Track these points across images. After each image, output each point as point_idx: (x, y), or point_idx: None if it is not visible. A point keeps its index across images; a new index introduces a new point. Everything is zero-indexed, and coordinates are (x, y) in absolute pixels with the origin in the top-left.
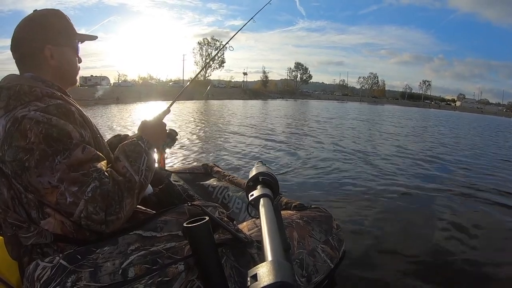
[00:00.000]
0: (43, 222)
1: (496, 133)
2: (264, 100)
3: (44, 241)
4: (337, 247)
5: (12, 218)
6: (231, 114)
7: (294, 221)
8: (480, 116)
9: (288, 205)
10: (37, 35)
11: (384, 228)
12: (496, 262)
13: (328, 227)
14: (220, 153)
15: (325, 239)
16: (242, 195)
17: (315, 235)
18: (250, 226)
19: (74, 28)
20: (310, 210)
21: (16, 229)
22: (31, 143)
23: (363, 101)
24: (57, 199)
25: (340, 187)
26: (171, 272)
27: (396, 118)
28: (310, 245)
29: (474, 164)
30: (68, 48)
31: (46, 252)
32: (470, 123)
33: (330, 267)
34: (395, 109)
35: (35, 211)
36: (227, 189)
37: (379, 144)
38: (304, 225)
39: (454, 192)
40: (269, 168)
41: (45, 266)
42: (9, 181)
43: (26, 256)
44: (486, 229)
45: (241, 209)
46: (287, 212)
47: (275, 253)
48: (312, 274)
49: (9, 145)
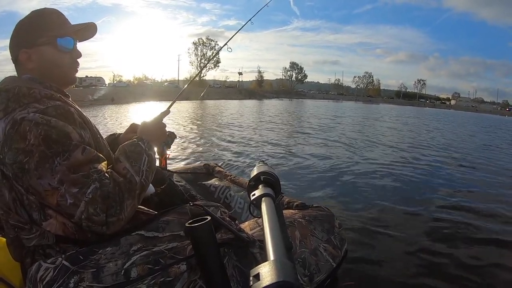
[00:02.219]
0: (45, 223)
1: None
2: (260, 100)
3: (46, 242)
4: (339, 246)
5: (14, 219)
6: (229, 114)
7: (296, 220)
8: (475, 114)
9: (290, 204)
10: (13, 41)
11: (386, 226)
12: (499, 265)
13: (330, 226)
14: (220, 152)
15: (327, 238)
16: (244, 194)
17: (317, 234)
18: (252, 226)
19: (58, 25)
20: (312, 209)
21: (18, 231)
22: (31, 145)
23: (358, 100)
24: (57, 201)
25: (342, 186)
26: (174, 272)
27: (394, 117)
28: (312, 244)
29: (477, 162)
30: (47, 47)
31: (48, 253)
32: (466, 121)
33: (332, 266)
34: (391, 108)
35: (36, 212)
36: (229, 189)
37: (379, 143)
38: (306, 224)
39: (457, 190)
40: (271, 167)
41: (48, 267)
42: (10, 183)
43: (29, 257)
44: (490, 229)
45: (243, 209)
46: (288, 212)
47: (277, 252)
48: (314, 274)
49: (9, 148)
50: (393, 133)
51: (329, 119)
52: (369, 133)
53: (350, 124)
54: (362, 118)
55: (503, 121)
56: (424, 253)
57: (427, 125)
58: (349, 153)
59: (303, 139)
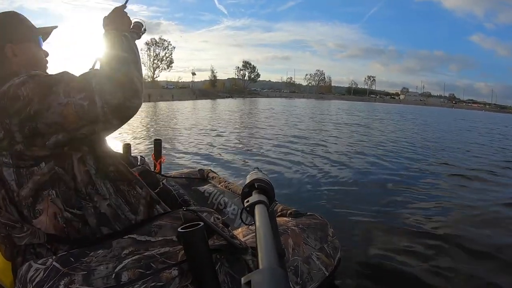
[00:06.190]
0: (35, 221)
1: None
2: (213, 100)
3: (37, 241)
4: (332, 255)
5: (4, 218)
6: (185, 115)
7: (290, 228)
8: (424, 107)
9: (284, 212)
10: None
11: (380, 235)
12: (499, 267)
13: (323, 235)
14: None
15: (320, 247)
16: (238, 201)
17: (310, 243)
18: (245, 233)
19: (33, 24)
20: (305, 217)
21: (10, 229)
22: (26, 96)
23: (310, 97)
24: (76, 112)
25: (336, 194)
26: (165, 277)
27: (348, 112)
28: (305, 253)
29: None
30: (30, 44)
31: (39, 252)
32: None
33: (325, 275)
34: (343, 103)
35: (26, 210)
36: (223, 195)
37: (368, 146)
38: (300, 232)
39: (455, 192)
40: (265, 174)
41: (38, 268)
42: (2, 180)
43: (20, 257)
44: (486, 229)
45: (236, 215)
46: (282, 219)
47: (270, 260)
48: (306, 282)
49: (9, 116)
50: (375, 132)
51: (308, 119)
52: (351, 134)
53: (329, 123)
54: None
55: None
56: (419, 263)
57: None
58: (342, 159)
59: (291, 144)
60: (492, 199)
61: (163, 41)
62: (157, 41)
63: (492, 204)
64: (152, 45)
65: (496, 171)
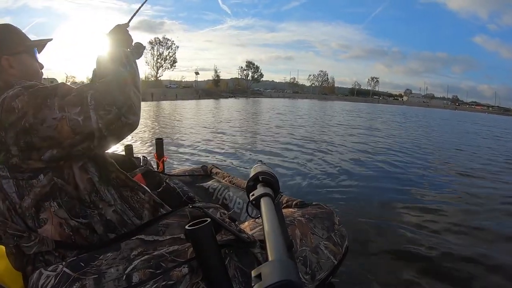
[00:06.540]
0: (40, 230)
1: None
2: (217, 99)
3: (46, 248)
4: (340, 243)
5: (12, 229)
6: (191, 115)
7: (296, 219)
8: (427, 109)
9: (289, 203)
10: None
11: (386, 221)
12: (504, 264)
13: (330, 224)
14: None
15: (327, 236)
16: (243, 195)
17: (317, 232)
18: (252, 226)
19: (27, 36)
20: (311, 207)
21: (18, 239)
22: (20, 109)
23: (313, 98)
24: (70, 127)
25: (340, 182)
26: (175, 276)
27: (354, 112)
28: (313, 242)
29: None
30: (26, 55)
31: (48, 259)
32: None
33: (333, 263)
34: (346, 104)
35: (30, 220)
36: (227, 190)
37: (372, 138)
38: (306, 223)
39: (457, 182)
40: (269, 167)
41: (49, 275)
42: (3, 192)
43: (30, 265)
44: (490, 226)
45: (242, 209)
46: (288, 210)
47: (278, 252)
48: (316, 271)
49: (5, 129)
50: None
51: (312, 116)
52: (365, 128)
53: (335, 120)
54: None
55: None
56: (426, 249)
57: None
58: (344, 148)
59: (294, 137)
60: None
61: (167, 40)
62: (161, 40)
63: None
64: (155, 44)
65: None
